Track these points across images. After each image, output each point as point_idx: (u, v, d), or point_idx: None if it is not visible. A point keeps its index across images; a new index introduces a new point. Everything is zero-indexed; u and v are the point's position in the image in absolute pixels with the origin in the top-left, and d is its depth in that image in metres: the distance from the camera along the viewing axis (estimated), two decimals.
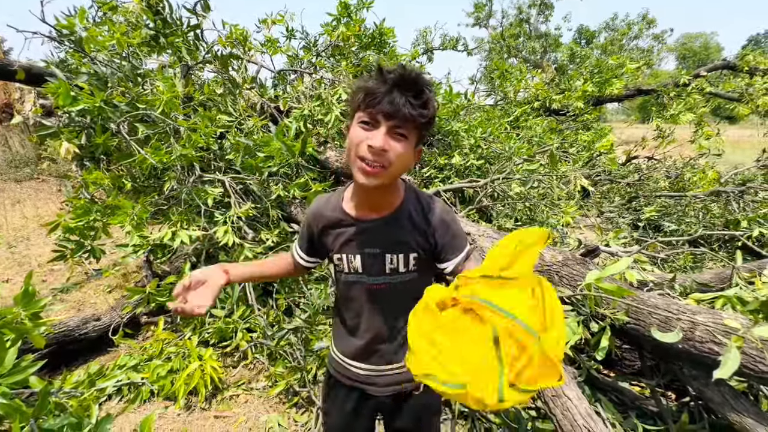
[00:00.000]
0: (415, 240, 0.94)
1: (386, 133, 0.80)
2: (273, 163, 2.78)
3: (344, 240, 0.98)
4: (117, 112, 2.47)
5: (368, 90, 0.80)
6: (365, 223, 0.96)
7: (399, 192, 0.96)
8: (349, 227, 0.97)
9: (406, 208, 0.94)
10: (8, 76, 2.94)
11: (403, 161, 0.83)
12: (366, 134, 0.81)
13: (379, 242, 0.95)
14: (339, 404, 1.12)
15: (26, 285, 1.27)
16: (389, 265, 0.95)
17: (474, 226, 2.42)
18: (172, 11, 2.98)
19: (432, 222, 0.93)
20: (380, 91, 0.79)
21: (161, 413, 2.03)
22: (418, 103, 0.79)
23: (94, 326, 2.52)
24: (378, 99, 0.78)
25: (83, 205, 2.42)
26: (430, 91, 0.82)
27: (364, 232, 0.96)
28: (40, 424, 1.39)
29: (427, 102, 0.81)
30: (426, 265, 0.97)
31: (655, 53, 24.61)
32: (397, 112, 0.78)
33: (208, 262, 2.60)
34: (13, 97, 8.56)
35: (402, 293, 0.97)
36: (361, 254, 0.96)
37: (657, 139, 6.52)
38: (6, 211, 5.72)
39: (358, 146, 0.82)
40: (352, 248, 0.97)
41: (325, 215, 1.01)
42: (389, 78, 0.79)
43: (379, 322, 1.00)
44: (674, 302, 1.54)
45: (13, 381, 1.39)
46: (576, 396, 1.26)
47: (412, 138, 0.83)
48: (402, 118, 0.79)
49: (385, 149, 0.80)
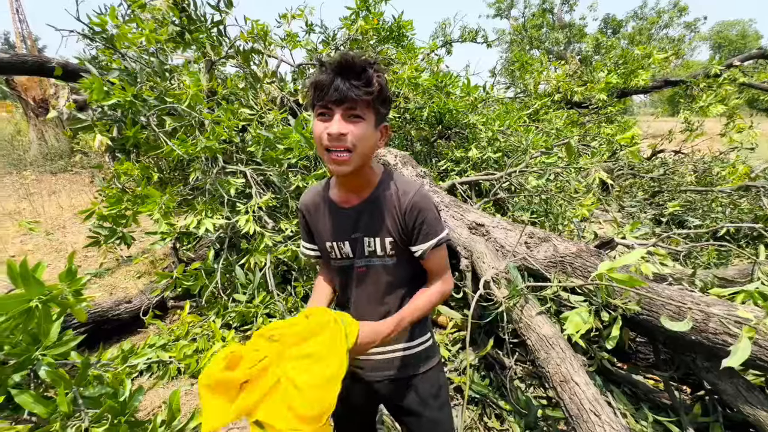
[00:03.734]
0: (388, 224, 0.97)
1: (341, 119, 0.85)
2: (292, 155, 2.86)
3: (330, 226, 1.04)
4: (146, 106, 2.60)
5: (316, 84, 0.85)
6: (346, 209, 1.01)
7: (375, 176, 1.00)
8: (334, 213, 1.03)
9: (382, 192, 0.98)
10: (47, 72, 3.12)
11: (366, 142, 0.88)
12: (324, 125, 0.86)
13: (360, 227, 1.00)
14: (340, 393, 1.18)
15: (69, 263, 1.38)
16: (367, 248, 1.00)
17: (488, 218, 2.44)
18: (197, 8, 3.09)
19: (404, 207, 0.96)
20: (326, 82, 0.84)
21: (187, 389, 2.16)
22: (361, 82, 0.83)
23: (126, 308, 2.69)
24: (325, 90, 0.84)
25: (115, 195, 2.57)
26: (371, 68, 0.85)
27: (348, 219, 1.01)
28: (81, 393, 1.52)
29: (369, 80, 0.84)
30: (403, 251, 1.00)
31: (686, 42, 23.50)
32: (344, 96, 0.82)
33: (230, 250, 2.72)
34: (48, 93, 8.99)
35: (382, 276, 1.02)
36: (347, 240, 1.02)
37: (685, 132, 6.30)
38: (43, 201, 6.07)
39: (320, 138, 0.87)
40: (337, 234, 1.03)
41: (312, 204, 1.07)
42: (330, 68, 0.85)
43: (364, 305, 1.05)
44: (689, 294, 1.54)
45: (56, 353, 1.52)
46: (584, 382, 1.29)
47: (368, 117, 0.87)
48: (350, 100, 0.83)
49: (342, 133, 0.84)
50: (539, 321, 1.54)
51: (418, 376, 1.08)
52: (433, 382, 1.10)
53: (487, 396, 1.94)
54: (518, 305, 1.61)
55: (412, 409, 1.08)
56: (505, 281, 1.75)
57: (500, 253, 2.15)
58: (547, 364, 1.40)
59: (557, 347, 1.42)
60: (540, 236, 2.11)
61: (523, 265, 2.01)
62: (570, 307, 1.78)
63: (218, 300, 2.63)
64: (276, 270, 2.69)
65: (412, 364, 1.08)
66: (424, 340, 1.10)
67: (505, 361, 2.07)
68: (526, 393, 2.01)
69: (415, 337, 1.08)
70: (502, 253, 2.16)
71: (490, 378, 2.08)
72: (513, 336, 2.09)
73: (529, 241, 2.12)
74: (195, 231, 2.45)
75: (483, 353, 1.98)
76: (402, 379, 1.08)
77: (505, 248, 2.18)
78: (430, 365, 1.11)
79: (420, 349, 1.09)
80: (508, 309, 1.63)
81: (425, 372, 1.09)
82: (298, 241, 2.61)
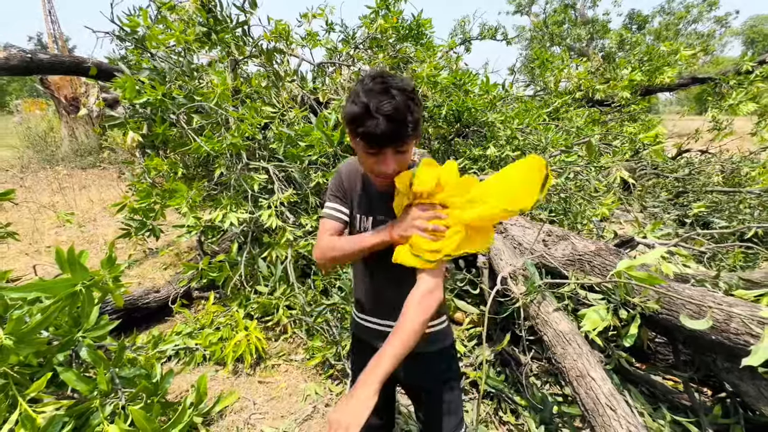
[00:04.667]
0: None
1: (391, 155, 0.91)
2: (313, 152, 2.93)
3: (362, 201, 1.10)
4: (175, 104, 2.71)
5: (366, 130, 0.87)
6: (378, 191, 1.07)
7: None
8: (367, 190, 1.10)
9: None
10: (82, 72, 3.28)
11: (407, 161, 0.97)
12: (374, 159, 0.92)
13: (387, 210, 1.04)
14: (357, 356, 1.27)
15: (110, 251, 1.48)
16: None
17: None
18: (223, 9, 3.19)
19: None
20: (376, 131, 0.85)
21: (212, 375, 2.26)
22: (410, 127, 0.88)
23: (155, 297, 2.82)
24: (372, 137, 0.87)
25: (145, 189, 2.70)
26: (408, 97, 0.87)
27: (377, 200, 1.07)
28: (117, 373, 1.62)
29: (416, 122, 0.89)
30: None
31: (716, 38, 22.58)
32: (397, 140, 0.88)
33: (253, 244, 2.81)
34: (79, 92, 9.37)
35: None
36: (373, 219, 1.08)
37: (712, 131, 6.10)
38: (75, 195, 6.35)
39: (370, 168, 0.96)
40: (366, 210, 1.09)
41: (353, 174, 1.13)
42: (379, 114, 0.85)
43: (384, 280, 1.10)
44: (710, 294, 1.52)
45: (95, 335, 1.63)
46: (600, 377, 1.30)
47: (411, 142, 0.93)
48: (399, 142, 0.89)
49: (396, 171, 0.94)
50: (556, 317, 1.55)
51: (431, 355, 1.13)
52: (446, 362, 1.16)
53: (503, 391, 1.96)
54: (535, 301, 1.63)
55: (424, 385, 1.14)
56: (523, 278, 1.77)
57: (518, 251, 2.17)
58: (564, 359, 1.42)
59: (574, 343, 1.43)
60: (558, 234, 2.11)
61: (541, 262, 2.02)
62: (587, 305, 1.79)
63: (241, 291, 2.73)
64: (296, 264, 2.76)
65: (428, 341, 1.12)
66: (438, 323, 1.14)
67: (521, 357, 2.09)
68: (542, 390, 2.03)
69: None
70: (520, 251, 2.17)
71: (506, 374, 2.10)
72: (529, 333, 2.10)
73: (547, 239, 2.13)
74: (220, 224, 2.55)
75: (499, 348, 2.00)
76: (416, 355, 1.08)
77: (523, 246, 2.20)
78: (442, 345, 1.16)
79: (435, 329, 1.13)
80: (524, 305, 1.65)
81: (438, 351, 1.14)
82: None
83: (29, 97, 18.65)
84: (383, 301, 1.12)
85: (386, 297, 1.11)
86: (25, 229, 4.70)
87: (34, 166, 8.60)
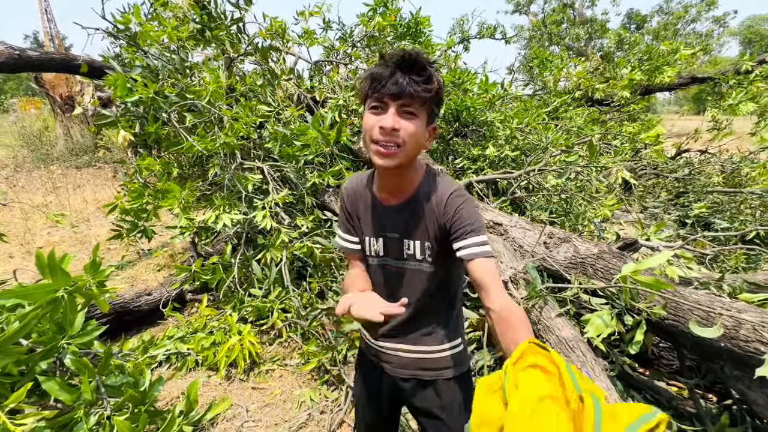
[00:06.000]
0: (428, 226, 0.95)
1: (395, 113, 0.83)
2: (309, 152, 2.87)
3: (369, 221, 1.02)
4: (167, 103, 2.64)
5: (373, 76, 0.84)
6: (387, 207, 0.99)
7: (418, 175, 0.97)
8: (374, 209, 1.01)
9: (423, 192, 0.96)
10: (73, 69, 3.21)
11: (416, 139, 0.86)
12: (377, 118, 0.85)
13: (399, 227, 0.98)
14: (363, 378, 1.19)
15: (94, 256, 1.42)
16: (407, 250, 0.98)
17: (506, 217, 2.39)
18: (217, 5, 3.13)
19: (442, 207, 0.92)
20: (384, 75, 0.82)
21: (204, 381, 2.20)
22: (422, 79, 0.82)
23: (146, 300, 2.75)
24: (383, 82, 0.82)
25: (137, 189, 2.63)
26: (431, 67, 0.85)
27: (386, 216, 0.99)
28: (103, 381, 1.56)
29: (430, 78, 0.84)
30: (442, 256, 0.96)
31: (714, 38, 22.62)
32: (403, 91, 0.81)
33: (247, 246, 2.75)
34: (74, 90, 9.26)
35: (419, 281, 0.99)
36: (383, 238, 1.00)
37: (712, 131, 6.07)
38: (69, 195, 6.27)
39: (371, 130, 0.86)
40: (375, 231, 1.01)
41: (356, 192, 1.05)
42: (391, 61, 0.83)
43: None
44: (718, 299, 1.47)
45: (80, 342, 1.57)
46: (605, 387, 1.25)
47: (422, 115, 0.86)
48: (408, 96, 0.82)
49: (396, 128, 0.83)
50: (559, 323, 1.50)
51: (445, 381, 1.04)
52: (459, 390, 1.06)
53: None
54: (537, 306, 1.58)
55: (433, 413, 1.05)
56: (524, 282, 1.72)
57: (518, 253, 2.11)
58: None
59: (577, 350, 1.38)
60: (560, 236, 2.06)
61: (542, 265, 1.96)
62: (590, 310, 1.74)
63: (235, 294, 2.67)
64: (291, 266, 2.70)
65: (440, 367, 1.05)
66: (454, 345, 1.06)
67: None
68: None
69: (445, 341, 1.04)
70: (521, 253, 2.12)
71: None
72: None
73: (548, 242, 2.07)
74: (213, 226, 2.49)
75: (499, 353, 1.95)
76: (428, 381, 1.05)
77: (524, 248, 2.14)
78: (459, 372, 1.06)
79: (449, 354, 1.05)
80: (526, 310, 1.59)
81: (453, 378, 1.05)
82: (313, 238, 2.62)
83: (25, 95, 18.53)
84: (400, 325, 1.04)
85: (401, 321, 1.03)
86: (17, 230, 4.63)
87: (28, 165, 8.51)
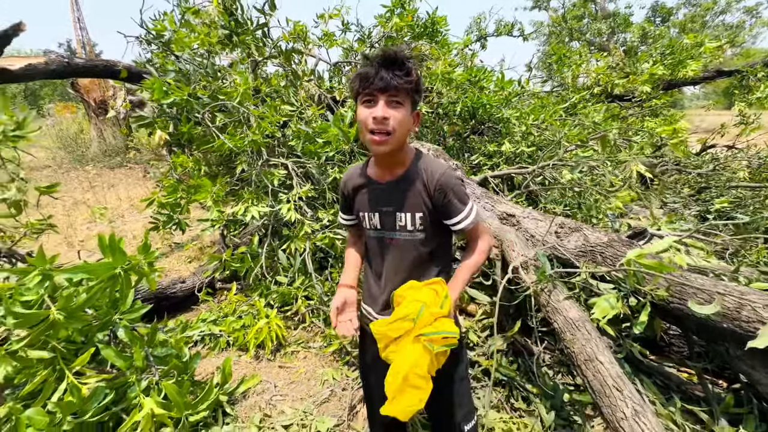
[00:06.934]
0: (419, 200, 1.09)
1: (384, 104, 1.00)
2: (330, 149, 3.02)
3: (366, 199, 1.19)
4: (200, 104, 2.85)
5: (362, 75, 1.01)
6: (381, 184, 1.15)
7: (409, 156, 1.13)
8: (370, 188, 1.18)
9: (414, 170, 1.11)
10: (114, 75, 3.47)
11: (403, 125, 1.03)
12: (369, 110, 1.01)
13: (392, 201, 1.13)
14: (366, 353, 1.32)
15: (145, 239, 1.60)
16: (399, 222, 1.13)
17: (519, 209, 2.48)
18: (244, 12, 3.32)
19: (433, 183, 1.07)
20: (371, 73, 0.99)
21: (235, 360, 2.38)
22: (403, 73, 0.99)
23: (181, 287, 2.97)
24: (372, 80, 0.98)
25: (172, 185, 2.85)
26: (409, 62, 1.01)
27: (381, 192, 1.15)
28: (152, 352, 1.75)
29: (409, 71, 1.00)
30: (432, 226, 1.12)
31: (746, 29, 21.65)
32: (388, 84, 0.98)
33: (273, 237, 2.93)
34: (107, 95, 9.76)
35: (410, 250, 1.13)
36: (378, 212, 1.16)
37: (739, 125, 5.91)
38: (104, 193, 6.67)
39: (365, 122, 1.02)
40: (372, 206, 1.17)
41: (352, 179, 1.23)
42: (375, 61, 1.00)
43: (396, 275, 1.15)
44: (722, 282, 1.53)
45: (130, 317, 1.76)
46: (608, 361, 1.34)
47: (407, 104, 1.03)
48: (394, 89, 0.98)
49: (386, 117, 0.99)
50: (566, 305, 1.59)
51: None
52: (454, 357, 1.15)
53: (514, 379, 2.00)
54: (546, 290, 1.67)
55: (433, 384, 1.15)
56: (534, 268, 1.81)
57: (530, 243, 2.20)
58: (573, 344, 1.46)
59: (583, 329, 1.47)
60: (571, 226, 2.14)
61: (553, 254, 2.05)
62: (599, 296, 1.81)
63: (262, 282, 2.85)
64: (314, 256, 2.86)
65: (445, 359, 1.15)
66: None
67: (533, 348, 2.13)
68: (554, 379, 2.06)
69: None
70: (532, 243, 2.20)
71: (518, 363, 2.14)
72: (542, 324, 2.14)
73: (559, 231, 2.15)
74: (242, 218, 2.67)
75: (510, 334, 2.04)
76: None
77: (536, 238, 2.23)
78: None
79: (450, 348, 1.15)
80: (535, 293, 1.69)
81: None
82: (334, 229, 2.77)
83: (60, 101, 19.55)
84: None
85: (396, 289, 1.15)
86: (59, 224, 4.98)
87: (66, 166, 9.04)
